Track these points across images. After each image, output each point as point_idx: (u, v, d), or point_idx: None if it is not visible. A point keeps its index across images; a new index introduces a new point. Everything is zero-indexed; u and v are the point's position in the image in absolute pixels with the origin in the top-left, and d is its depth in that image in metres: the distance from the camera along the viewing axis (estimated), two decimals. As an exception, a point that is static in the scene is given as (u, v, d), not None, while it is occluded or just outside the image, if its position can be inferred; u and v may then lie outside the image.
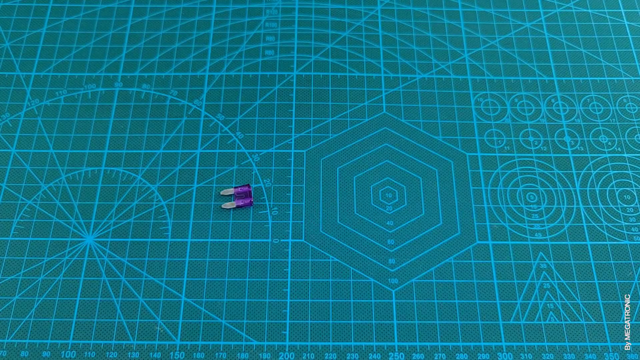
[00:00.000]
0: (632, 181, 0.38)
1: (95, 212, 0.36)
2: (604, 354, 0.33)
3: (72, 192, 0.37)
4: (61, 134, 0.39)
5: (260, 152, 0.39)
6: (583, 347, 0.33)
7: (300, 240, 0.36)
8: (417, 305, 0.34)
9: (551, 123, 0.40)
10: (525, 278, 0.35)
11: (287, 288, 0.34)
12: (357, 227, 0.36)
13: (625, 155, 0.39)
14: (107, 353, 0.32)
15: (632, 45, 0.43)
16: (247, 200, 0.36)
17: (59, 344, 0.33)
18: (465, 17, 0.45)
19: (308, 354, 0.33)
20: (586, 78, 0.42)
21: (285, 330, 0.33)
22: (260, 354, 0.33)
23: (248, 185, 0.37)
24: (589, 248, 0.36)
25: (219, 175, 0.38)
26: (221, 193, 0.37)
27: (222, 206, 0.37)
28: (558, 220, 0.37)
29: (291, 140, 0.39)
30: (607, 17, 0.45)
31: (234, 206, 0.36)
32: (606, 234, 0.36)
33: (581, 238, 0.36)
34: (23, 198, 0.37)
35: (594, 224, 0.37)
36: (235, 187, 0.37)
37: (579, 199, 0.37)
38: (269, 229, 0.36)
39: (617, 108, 0.41)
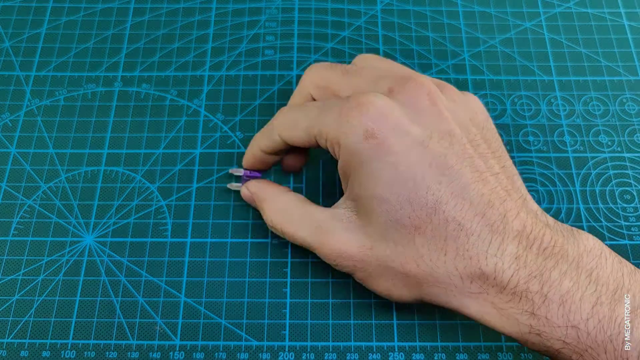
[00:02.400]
0: (632, 181, 0.38)
1: (95, 212, 0.36)
2: (604, 354, 0.33)
3: (72, 192, 0.37)
4: (61, 134, 0.39)
5: (260, 152, 0.39)
6: (583, 347, 0.33)
7: (300, 240, 0.36)
8: (417, 305, 0.34)
9: (551, 123, 0.40)
10: (525, 278, 0.35)
11: (287, 288, 0.34)
12: (357, 227, 0.36)
13: (625, 155, 0.39)
14: (107, 353, 0.32)
15: (632, 45, 0.43)
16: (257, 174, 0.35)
17: (59, 343, 0.33)
18: (465, 17, 0.45)
19: (308, 354, 0.33)
20: (586, 78, 0.42)
21: (285, 331, 0.33)
22: (260, 354, 0.33)
23: (258, 172, 0.36)
24: (589, 248, 0.36)
25: (219, 175, 0.38)
26: (230, 171, 0.37)
27: (228, 186, 0.36)
28: (558, 220, 0.37)
29: (291, 140, 0.39)
30: (607, 17, 0.45)
31: (239, 188, 0.36)
32: (606, 234, 0.36)
33: (581, 238, 0.36)
34: (23, 198, 0.37)
35: (594, 223, 0.37)
36: (245, 170, 0.36)
37: (579, 198, 0.37)
38: (269, 229, 0.36)
39: (617, 108, 0.41)
